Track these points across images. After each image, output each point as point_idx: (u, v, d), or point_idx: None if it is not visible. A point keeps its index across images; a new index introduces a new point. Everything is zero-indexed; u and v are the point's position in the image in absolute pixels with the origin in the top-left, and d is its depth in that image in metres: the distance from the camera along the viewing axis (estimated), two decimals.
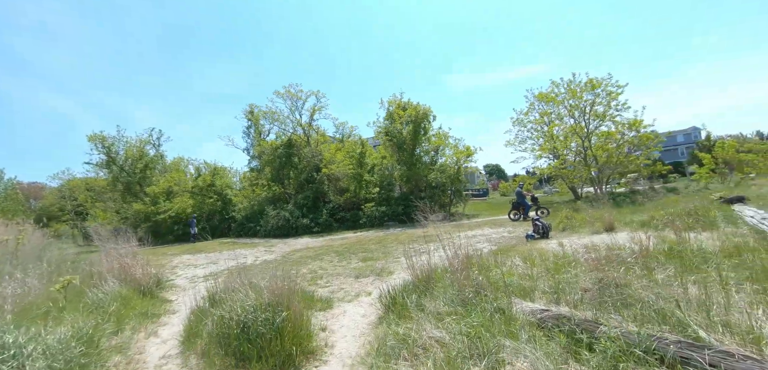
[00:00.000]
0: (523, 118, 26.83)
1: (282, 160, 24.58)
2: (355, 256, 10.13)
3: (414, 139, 21.59)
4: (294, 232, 20.38)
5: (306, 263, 9.85)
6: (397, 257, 9.32)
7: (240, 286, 4.36)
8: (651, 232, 8.45)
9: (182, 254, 15.45)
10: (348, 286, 6.66)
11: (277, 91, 23.97)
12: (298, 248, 13.90)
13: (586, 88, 16.84)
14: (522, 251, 7.98)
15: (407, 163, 21.62)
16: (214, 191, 26.28)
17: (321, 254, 11.35)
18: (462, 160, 23.02)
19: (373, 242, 13.24)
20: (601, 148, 17.09)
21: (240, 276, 5.38)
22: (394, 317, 4.20)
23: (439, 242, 10.73)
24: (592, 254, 6.07)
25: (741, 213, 8.23)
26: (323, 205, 22.19)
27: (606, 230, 9.38)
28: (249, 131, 31.02)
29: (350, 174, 22.47)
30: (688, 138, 64.62)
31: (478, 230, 13.61)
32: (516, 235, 11.21)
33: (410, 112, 21.39)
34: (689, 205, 10.42)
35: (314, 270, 8.52)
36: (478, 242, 10.55)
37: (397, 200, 22.02)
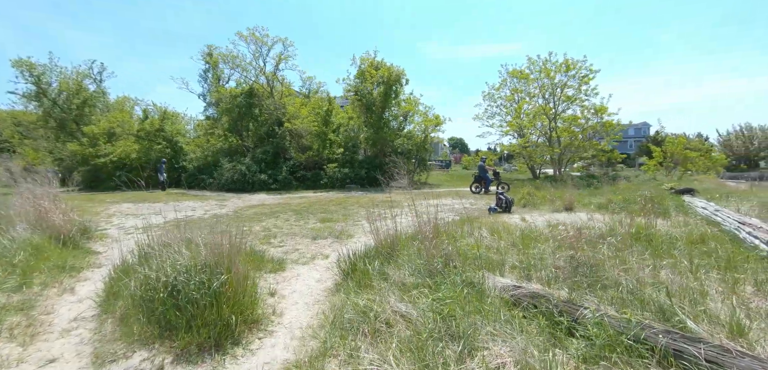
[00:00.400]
0: (495, 93, 26.87)
1: (241, 109, 22.93)
2: (313, 216, 9.55)
3: (384, 101, 20.86)
4: (250, 187, 19.30)
5: (260, 220, 9.15)
6: (358, 220, 8.88)
7: (175, 241, 3.68)
8: (608, 214, 8.64)
9: (123, 202, 14.09)
10: (303, 247, 6.13)
11: (240, 33, 21.98)
12: (253, 204, 13.06)
13: (560, 68, 16.91)
14: (486, 223, 7.82)
15: (375, 126, 20.95)
16: (164, 137, 24.17)
17: (277, 211, 10.66)
18: (430, 129, 22.74)
19: (334, 203, 12.69)
20: (566, 130, 17.44)
21: (180, 230, 4.68)
22: (354, 285, 3.76)
23: (402, 209, 10.35)
24: (560, 231, 5.96)
25: (691, 204, 8.55)
26: (283, 161, 21.14)
27: (566, 208, 9.47)
28: (206, 75, 28.59)
29: (314, 132, 21.46)
30: (639, 132, 68.72)
31: (441, 200, 13.45)
32: (478, 207, 11.13)
33: (383, 73, 20.52)
34: (643, 192, 10.76)
35: (268, 228, 7.87)
36: (441, 212, 10.29)
37: (361, 162, 21.44)
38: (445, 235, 5.37)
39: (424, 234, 4.22)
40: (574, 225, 6.50)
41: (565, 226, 6.10)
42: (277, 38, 22.53)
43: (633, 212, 8.38)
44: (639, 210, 8.42)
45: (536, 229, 6.38)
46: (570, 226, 6.44)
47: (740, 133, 44.59)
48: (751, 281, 3.60)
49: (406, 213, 10.61)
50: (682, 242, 4.72)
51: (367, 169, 20.92)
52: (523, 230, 6.58)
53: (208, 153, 22.92)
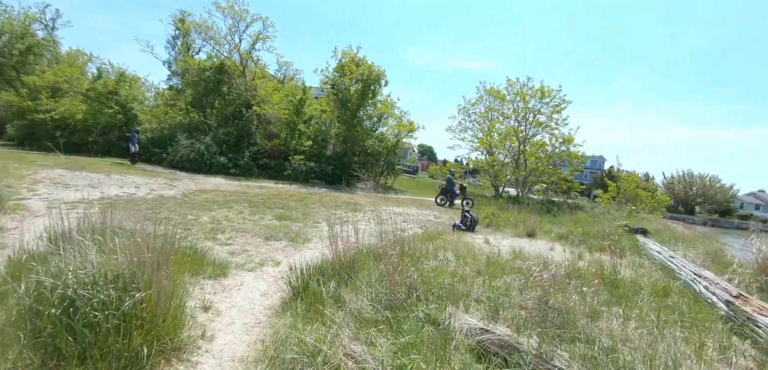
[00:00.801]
0: (470, 108, 27.09)
1: (209, 84, 21.55)
2: (270, 211, 8.90)
3: (361, 99, 20.34)
4: (207, 169, 18.11)
5: (210, 208, 8.38)
6: (317, 222, 8.36)
7: (89, 237, 3.04)
8: (568, 245, 8.70)
9: (57, 167, 12.65)
10: (253, 248, 5.54)
11: (217, 3, 20.57)
12: (206, 189, 12.12)
13: (536, 95, 17.23)
14: (450, 242, 7.58)
15: (348, 123, 20.39)
16: (117, 101, 22.25)
17: (231, 201, 9.88)
18: (403, 134, 22.51)
19: (295, 198, 12.04)
20: (534, 155, 17.82)
21: (106, 216, 4.00)
22: (303, 309, 3.29)
23: (365, 213, 9.92)
24: (526, 263, 5.79)
25: (646, 245, 8.77)
26: (247, 146, 20.06)
27: (528, 234, 9.46)
28: (175, 42, 26.79)
29: (284, 120, 20.55)
30: (594, 164, 72.57)
31: (406, 208, 13.17)
32: (442, 221, 10.94)
33: (363, 70, 19.99)
34: (599, 227, 11.03)
35: (217, 220, 7.16)
36: (404, 222, 10.00)
37: (328, 158, 20.80)
38: (408, 256, 4.99)
39: (389, 257, 3.80)
40: (539, 256, 6.38)
41: (531, 259, 5.93)
42: (257, 16, 21.41)
43: (592, 246, 8.50)
44: (597, 246, 8.57)
45: (501, 257, 6.18)
46: (535, 257, 6.30)
47: (682, 178, 48.26)
48: (715, 346, 3.51)
49: (369, 219, 10.21)
50: (646, 292, 4.65)
51: (334, 167, 20.32)
52: (488, 255, 6.36)
53: (165, 126, 21.32)
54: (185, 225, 6.40)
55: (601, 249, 8.41)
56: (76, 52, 31.09)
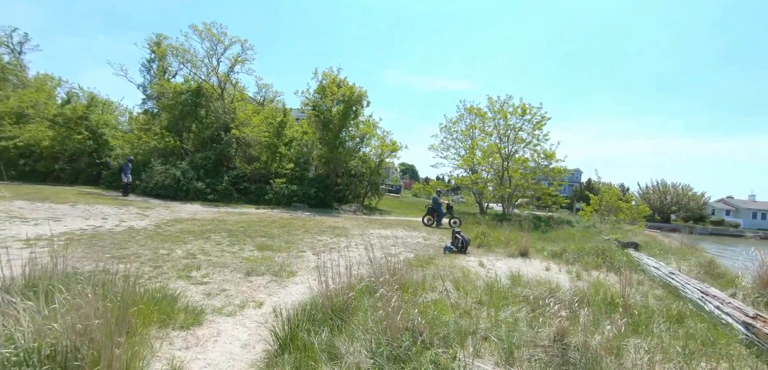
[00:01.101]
0: (451, 127, 27.22)
1: (185, 108, 20.87)
2: (251, 240, 8.32)
3: (343, 120, 20.03)
4: (183, 195, 17.28)
5: (185, 240, 7.74)
6: (302, 251, 7.83)
7: (37, 290, 2.51)
8: (562, 264, 8.45)
9: (17, 199, 11.72)
10: (233, 287, 4.99)
11: (195, 26, 20.08)
12: (182, 217, 11.40)
13: (516, 112, 17.34)
14: (444, 267, 7.19)
15: (330, 144, 19.99)
16: (87, 126, 21.21)
17: (209, 230, 9.24)
18: (386, 154, 22.26)
19: (277, 224, 11.45)
20: (517, 171, 17.84)
21: (61, 260, 3.46)
22: (292, 366, 2.81)
23: (352, 238, 9.45)
24: (522, 288, 5.45)
25: (640, 261, 8.61)
26: (226, 170, 19.33)
27: (521, 254, 9.19)
28: (150, 66, 26.05)
29: (264, 142, 19.98)
30: (572, 178, 74.32)
31: (393, 230, 12.77)
32: (431, 243, 10.57)
33: (344, 91, 19.75)
34: (591, 243, 10.87)
35: (193, 254, 6.56)
36: (393, 245, 9.61)
37: (311, 181, 20.27)
38: (407, 291, 4.57)
39: (387, 298, 3.36)
40: (540, 281, 6.05)
41: (532, 284, 5.59)
42: (236, 38, 21.00)
43: (588, 264, 8.27)
44: (593, 263, 8.35)
45: (500, 283, 5.82)
46: (536, 282, 5.98)
47: (657, 188, 49.80)
48: None
49: (358, 244, 9.74)
50: (660, 318, 4.36)
51: (317, 189, 19.79)
52: (486, 281, 5.99)
53: (138, 151, 20.38)
54: (155, 262, 5.78)
55: (597, 267, 8.22)
56: (45, 76, 29.73)
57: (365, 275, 5.55)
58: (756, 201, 52.06)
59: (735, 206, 51.40)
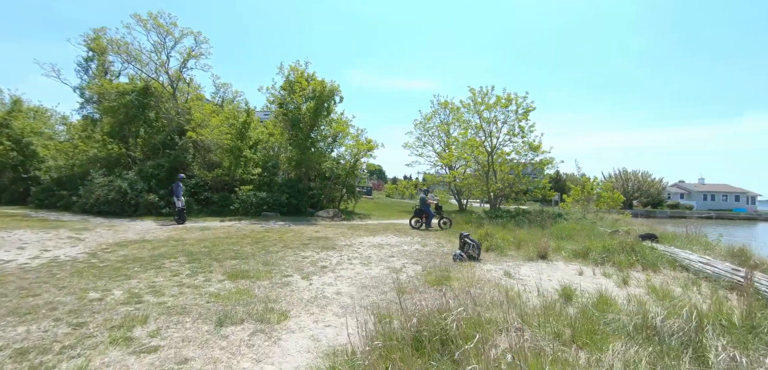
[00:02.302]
0: (426, 123, 26.22)
1: (131, 110, 18.23)
2: (218, 265, 6.58)
3: (314, 118, 18.29)
4: (132, 210, 14.89)
5: (129, 273, 5.89)
6: (287, 273, 6.22)
7: None
8: (592, 266, 7.42)
9: None
10: (199, 351, 3.33)
11: (138, 15, 17.49)
12: (128, 239, 9.34)
13: (500, 101, 16.40)
14: (467, 281, 5.88)
15: (301, 145, 18.20)
16: (9, 135, 18.04)
17: (163, 255, 7.36)
18: (362, 153, 20.74)
19: (249, 239, 9.67)
20: (504, 164, 16.99)
21: None
22: None
23: (340, 251, 7.98)
24: (603, 311, 4.22)
25: (675, 255, 7.69)
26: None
27: (540, 256, 8.09)
28: (88, 65, 22.89)
29: (226, 146, 17.83)
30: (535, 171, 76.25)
31: (382, 237, 11.36)
32: (432, 250, 9.25)
33: (315, 86, 18.01)
34: (616, 240, 9.88)
35: (138, 295, 4.79)
36: (391, 256, 8.20)
37: (281, 186, 18.38)
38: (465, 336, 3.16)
39: None
40: (595, 292, 4.87)
41: (591, 296, 4.37)
42: (188, 30, 18.59)
43: (622, 264, 7.28)
44: (626, 263, 7.37)
45: (548, 299, 4.57)
46: (597, 296, 4.77)
47: (619, 176, 51.75)
48: None
49: (350, 258, 8.23)
50: None
51: (289, 195, 17.95)
52: (538, 299, 4.71)
53: (76, 162, 17.56)
54: (78, 316, 4.00)
55: (631, 265, 7.25)
56: None
57: (382, 306, 4.08)
58: (705, 184, 55.58)
59: (687, 190, 54.56)
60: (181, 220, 13.33)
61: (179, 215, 13.38)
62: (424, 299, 4.70)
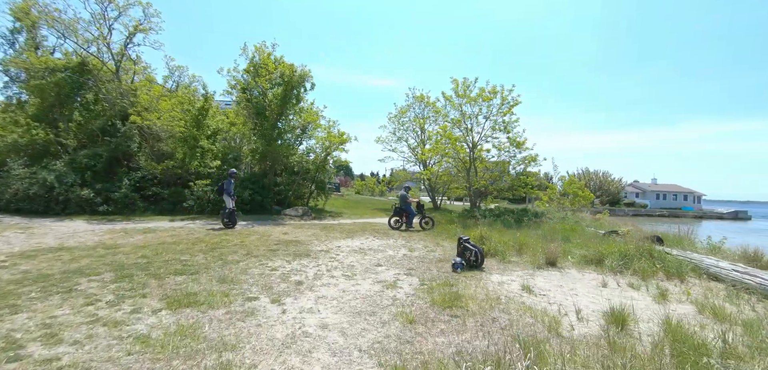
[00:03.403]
0: (400, 116, 25.06)
1: (64, 90, 15.61)
2: (157, 284, 4.95)
3: (281, 106, 16.48)
4: (60, 208, 12.55)
5: (22, 300, 4.14)
6: (253, 295, 4.72)
7: None
8: (611, 275, 6.49)
9: None
10: None
11: None
12: (43, 245, 7.36)
13: (481, 94, 15.42)
14: (482, 300, 4.69)
15: (267, 136, 16.35)
16: None
17: (81, 270, 5.58)
18: (333, 146, 19.17)
19: (203, 245, 7.96)
20: (485, 162, 16.12)
21: None
22: None
23: (316, 259, 6.65)
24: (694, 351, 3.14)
25: (700, 262, 6.90)
26: (125, 172, 14.70)
27: (549, 263, 7.08)
28: (14, 39, 19.71)
29: (180, 135, 15.65)
30: None
31: (361, 239, 10.02)
32: (422, 255, 8.02)
33: (283, 70, 16.18)
34: (633, 245, 9.06)
35: (17, 343, 3.13)
36: (377, 265, 6.87)
37: (243, 181, 16.48)
38: None
39: None
40: (644, 318, 3.82)
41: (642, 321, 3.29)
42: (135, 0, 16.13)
43: (645, 273, 6.39)
44: (650, 271, 6.50)
45: (588, 326, 3.46)
46: (656, 323, 3.71)
47: (582, 175, 53.43)
48: None
49: (331, 269, 6.78)
50: None
51: (252, 191, 16.11)
52: (570, 336, 3.57)
53: None
54: None
55: (653, 274, 6.38)
56: None
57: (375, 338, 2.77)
58: (658, 184, 58.73)
59: (642, 189, 57.38)
60: (232, 223, 11.35)
61: (229, 217, 11.35)
62: (442, 333, 3.42)
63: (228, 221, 11.31)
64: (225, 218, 11.33)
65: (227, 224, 11.26)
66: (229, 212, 11.37)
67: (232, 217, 11.44)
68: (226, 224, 11.27)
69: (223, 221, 11.33)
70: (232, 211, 11.42)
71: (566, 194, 23.41)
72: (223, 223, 11.30)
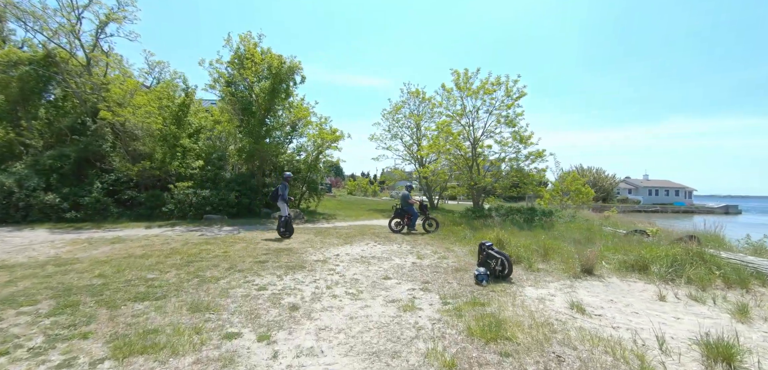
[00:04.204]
0: (395, 113, 24.05)
1: (28, 85, 14.18)
2: (107, 316, 3.78)
3: (269, 101, 15.26)
4: (22, 217, 11.20)
5: None
6: (231, 327, 3.59)
7: None
8: (663, 284, 5.53)
9: None
10: None
11: None
12: None
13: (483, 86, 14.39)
14: (530, 326, 3.67)
15: (254, 134, 15.14)
16: None
17: (12, 296, 4.37)
18: (325, 144, 18.03)
19: (178, 257, 6.78)
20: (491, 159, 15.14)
21: None
22: None
23: (313, 271, 5.54)
24: None
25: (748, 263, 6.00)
26: (97, 175, 13.36)
27: (585, 271, 6.09)
28: None
29: (158, 133, 14.35)
30: None
31: (361, 245, 8.95)
32: (432, 263, 6.98)
33: (270, 62, 14.97)
34: (677, 248, 8.14)
35: None
36: (387, 279, 5.81)
37: (229, 182, 15.25)
38: None
39: None
40: None
41: None
42: None
43: (702, 281, 5.45)
44: (706, 278, 5.56)
45: None
46: None
47: (576, 172, 53.19)
48: None
49: (331, 284, 5.58)
50: None
51: (238, 192, 14.90)
52: None
53: None
54: None
55: (710, 281, 5.44)
56: None
57: None
58: (650, 180, 58.91)
59: (635, 185, 57.44)
60: (288, 231, 10.04)
61: (285, 226, 10.01)
62: None
63: (284, 231, 10.00)
64: (281, 227, 10.01)
65: (284, 234, 9.97)
66: (285, 219, 10.01)
67: (289, 225, 10.07)
68: (283, 233, 9.98)
69: (279, 230, 10.03)
70: (288, 218, 10.07)
71: (567, 192, 22.72)
72: (280, 233, 10.02)
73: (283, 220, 9.99)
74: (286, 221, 10.00)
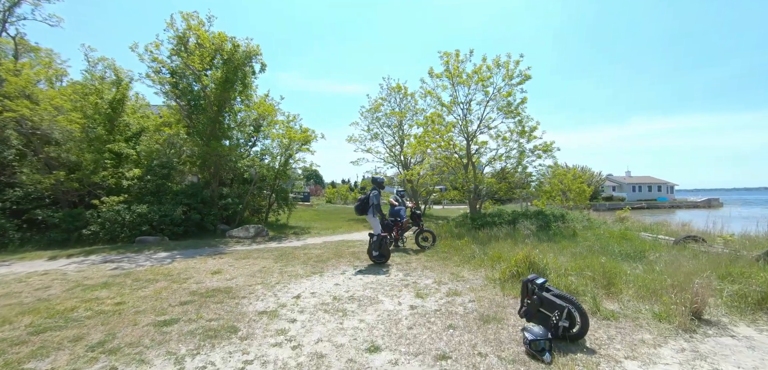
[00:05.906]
0: (374, 111, 21.68)
1: None
2: None
3: (223, 94, 12.58)
4: None
5: None
6: None
7: None
8: None
9: None
10: None
11: None
12: None
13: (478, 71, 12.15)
14: None
15: (206, 134, 12.42)
16: None
17: None
18: (295, 146, 15.41)
19: (32, 319, 4.12)
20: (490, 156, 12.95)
21: None
22: None
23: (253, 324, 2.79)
24: None
25: None
26: None
27: (695, 316, 3.82)
28: None
29: (79, 134, 11.46)
30: None
31: (334, 276, 6.50)
32: (441, 308, 4.64)
33: (222, 41, 12.30)
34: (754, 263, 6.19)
35: None
36: (375, 351, 3.40)
37: (176, 195, 12.48)
38: None
39: None
40: None
41: None
42: None
43: None
44: None
45: None
46: None
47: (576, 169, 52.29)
48: None
49: (274, 360, 3.13)
50: None
51: (187, 207, 12.16)
52: None
53: None
54: None
55: None
56: None
57: None
58: (632, 176, 58.69)
59: (618, 183, 57.02)
60: (384, 256, 7.37)
61: (379, 248, 7.41)
62: None
63: (377, 255, 7.36)
64: (373, 250, 7.38)
65: (377, 259, 7.34)
66: (378, 240, 7.39)
67: (384, 246, 7.39)
68: (376, 258, 7.35)
69: (371, 254, 7.39)
70: (380, 239, 7.39)
71: (566, 192, 20.92)
72: (372, 258, 7.38)
73: (375, 240, 7.37)
74: (379, 243, 7.35)
